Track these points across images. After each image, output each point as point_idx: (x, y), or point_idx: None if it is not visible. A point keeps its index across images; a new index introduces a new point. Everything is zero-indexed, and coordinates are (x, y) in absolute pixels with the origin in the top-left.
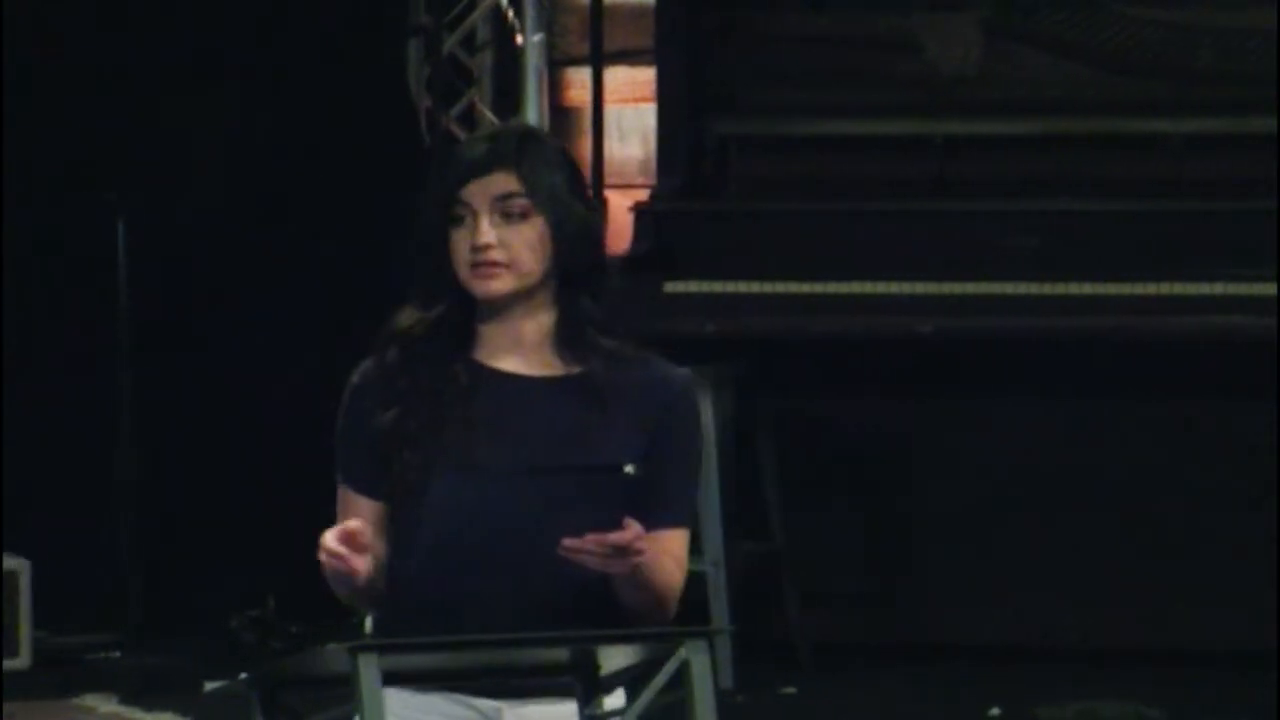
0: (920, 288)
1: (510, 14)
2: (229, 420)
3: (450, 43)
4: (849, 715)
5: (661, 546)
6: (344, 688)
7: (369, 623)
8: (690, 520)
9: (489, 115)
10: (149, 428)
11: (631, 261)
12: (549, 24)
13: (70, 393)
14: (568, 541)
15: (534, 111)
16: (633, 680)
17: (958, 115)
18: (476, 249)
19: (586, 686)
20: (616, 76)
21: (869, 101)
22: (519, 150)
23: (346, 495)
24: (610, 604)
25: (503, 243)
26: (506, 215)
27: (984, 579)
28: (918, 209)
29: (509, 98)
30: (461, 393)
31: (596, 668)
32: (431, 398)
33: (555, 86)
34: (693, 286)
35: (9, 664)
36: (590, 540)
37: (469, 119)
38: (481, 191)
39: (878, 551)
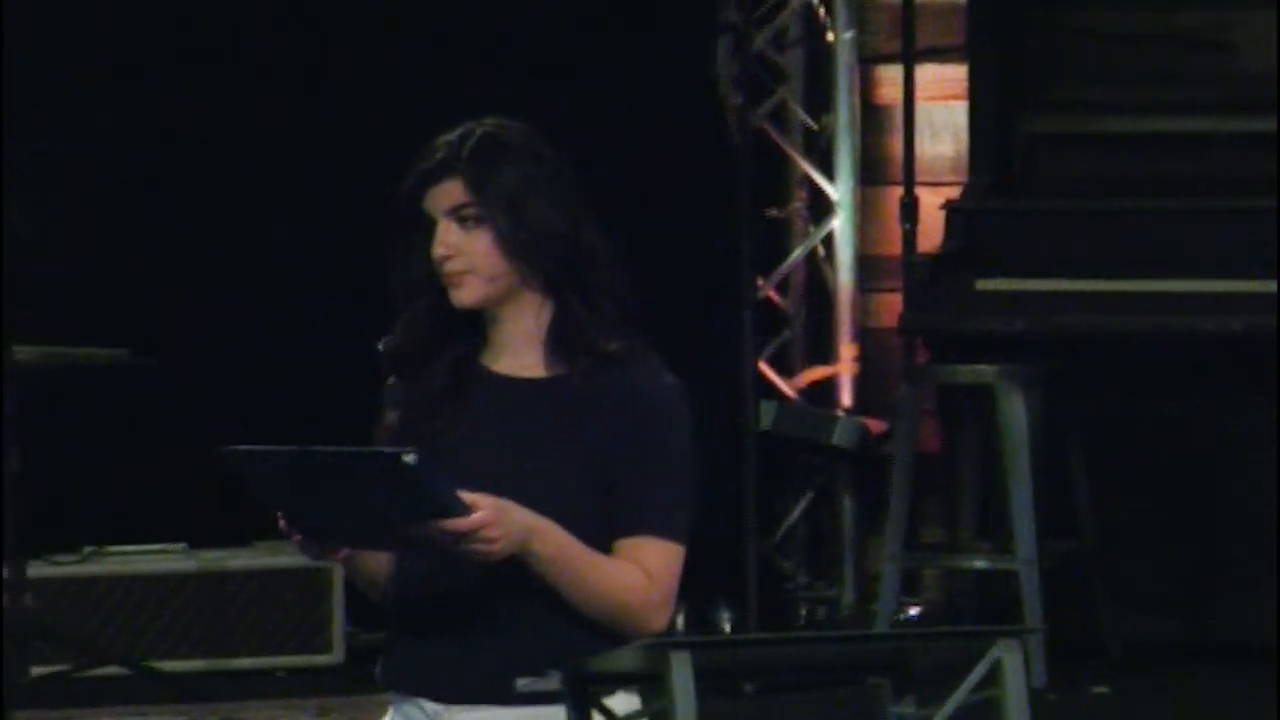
0: (1230, 285)
1: (821, 11)
2: None
3: (760, 40)
4: (1161, 714)
5: (627, 554)
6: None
7: (680, 620)
8: (675, 533)
9: (800, 113)
10: None
11: (942, 259)
12: (860, 21)
13: (363, 394)
14: (413, 531)
15: (845, 109)
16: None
17: (1267, 112)
18: (438, 260)
19: (898, 684)
20: (927, 74)
21: (1179, 98)
22: (471, 155)
23: None
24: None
25: (461, 251)
26: (462, 222)
27: None
28: (1227, 206)
29: (820, 95)
30: (453, 396)
31: (909, 667)
32: (427, 403)
33: (866, 84)
34: (1003, 285)
35: (322, 660)
36: (430, 527)
37: (779, 117)
38: (435, 201)
39: (1187, 550)
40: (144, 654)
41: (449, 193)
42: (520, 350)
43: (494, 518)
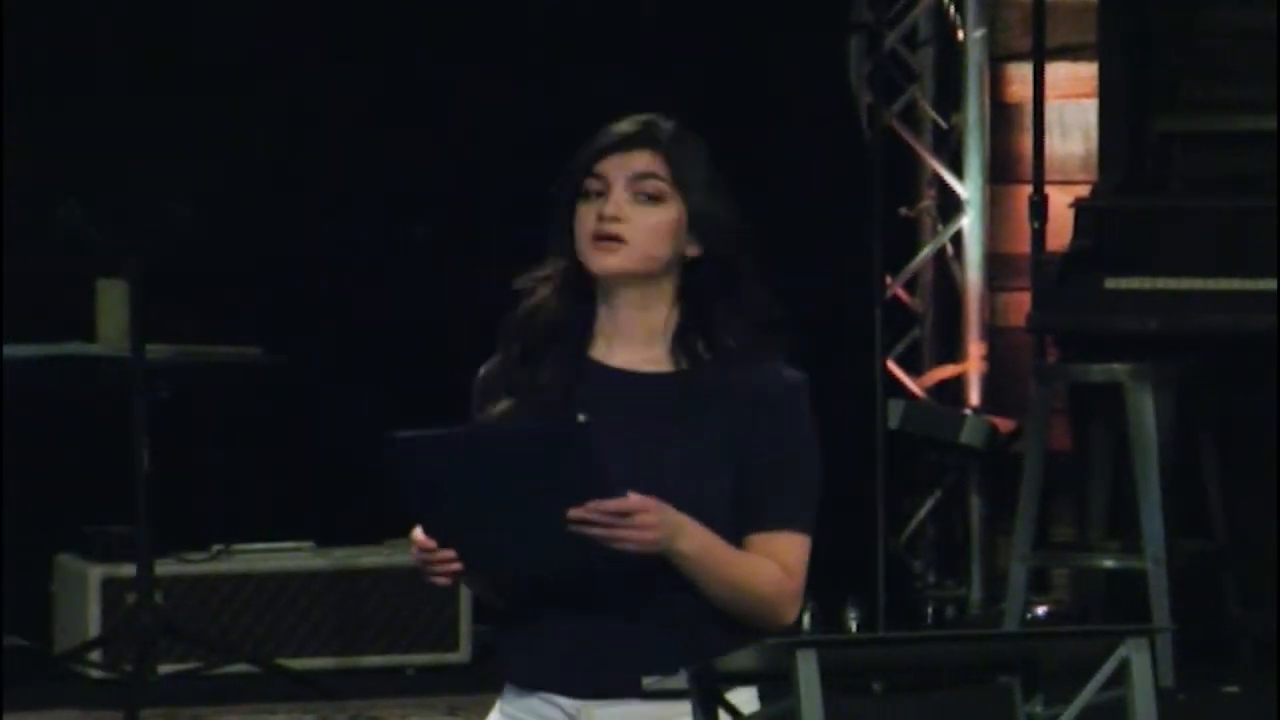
0: None
1: (952, 10)
2: None
3: (892, 39)
4: None
5: (762, 549)
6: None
7: (806, 618)
8: (805, 525)
9: (930, 111)
10: None
11: (1072, 258)
12: (991, 19)
13: None
14: (573, 512)
15: (975, 107)
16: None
17: None
18: (603, 219)
19: (1026, 684)
20: (1058, 72)
21: None
22: (671, 137)
23: None
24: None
25: (628, 219)
26: (639, 195)
27: None
28: None
29: (950, 94)
30: (566, 389)
31: (1037, 666)
32: (537, 395)
33: (996, 82)
34: (1134, 283)
35: (450, 658)
36: (590, 508)
37: (910, 115)
38: (620, 166)
39: None
40: (272, 652)
41: (642, 160)
42: (642, 344)
43: (653, 505)
